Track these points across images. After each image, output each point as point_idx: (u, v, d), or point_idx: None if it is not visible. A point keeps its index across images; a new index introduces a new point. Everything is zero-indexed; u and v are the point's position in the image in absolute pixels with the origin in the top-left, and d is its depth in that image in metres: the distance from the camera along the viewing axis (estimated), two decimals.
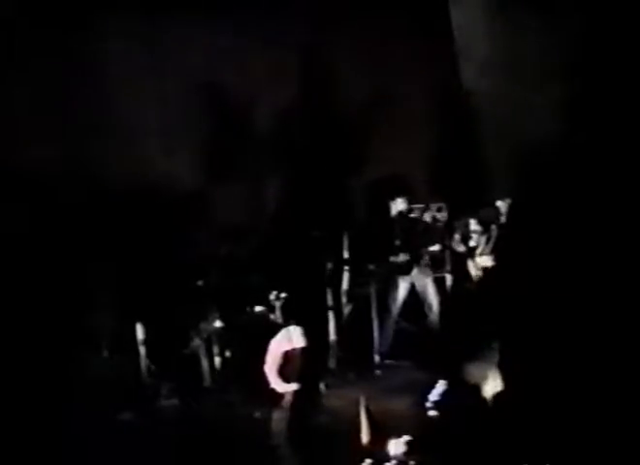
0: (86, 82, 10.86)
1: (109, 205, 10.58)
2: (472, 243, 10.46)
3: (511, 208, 10.32)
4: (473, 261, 10.36)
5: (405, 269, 10.51)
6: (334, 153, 11.59)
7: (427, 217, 10.84)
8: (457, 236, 10.63)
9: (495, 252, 10.17)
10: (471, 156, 11.75)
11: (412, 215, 10.78)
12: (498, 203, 10.39)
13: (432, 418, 7.53)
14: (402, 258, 10.48)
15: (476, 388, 7.53)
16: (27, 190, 10.45)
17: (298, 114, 11.53)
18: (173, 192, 11.00)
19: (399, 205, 10.71)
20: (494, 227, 10.31)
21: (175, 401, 9.62)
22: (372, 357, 10.42)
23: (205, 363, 9.90)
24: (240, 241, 10.67)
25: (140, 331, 9.81)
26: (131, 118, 10.97)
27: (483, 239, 10.35)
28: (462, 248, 10.58)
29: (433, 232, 10.79)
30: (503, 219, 10.36)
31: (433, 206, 10.95)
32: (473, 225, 10.52)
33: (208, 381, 9.90)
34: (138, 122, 11.02)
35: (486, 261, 10.22)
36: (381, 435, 7.15)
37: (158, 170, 11.00)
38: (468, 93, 11.86)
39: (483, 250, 10.30)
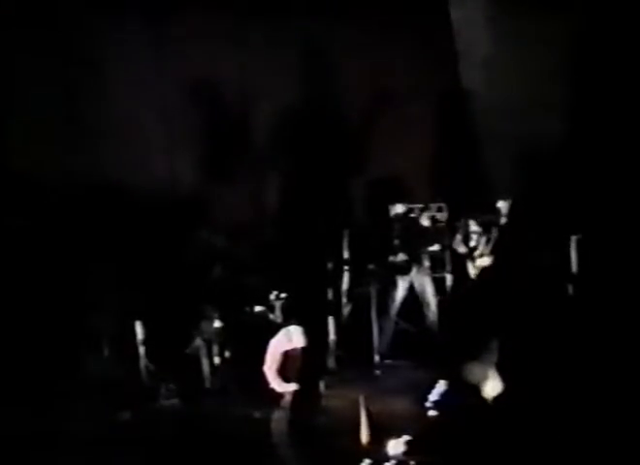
0: (87, 82, 10.87)
1: (109, 205, 10.59)
2: (472, 243, 10.45)
3: (511, 209, 10.31)
4: (473, 261, 10.35)
5: (404, 269, 10.50)
6: (334, 153, 11.60)
7: (427, 217, 10.82)
8: (458, 237, 10.61)
9: (494, 252, 10.16)
10: (471, 156, 11.75)
11: (412, 215, 10.77)
12: (499, 204, 10.37)
13: (431, 417, 7.53)
14: (401, 258, 10.47)
15: (476, 388, 7.52)
16: (28, 190, 10.46)
17: (299, 115, 11.53)
18: (173, 192, 11.01)
19: (398, 207, 10.72)
20: (494, 228, 10.30)
21: (174, 401, 9.62)
22: (372, 357, 10.42)
23: (205, 363, 9.90)
24: (240, 241, 10.67)
25: (140, 331, 9.81)
26: (131, 117, 10.98)
27: (483, 240, 10.34)
28: (462, 249, 10.56)
29: (433, 232, 10.78)
30: (504, 220, 10.34)
31: (433, 206, 10.94)
32: (473, 225, 10.51)
33: (207, 381, 9.90)
34: (138, 121, 11.03)
35: (485, 261, 10.21)
36: (381, 435, 7.15)
37: (159, 170, 11.02)
38: (468, 93, 11.85)
39: (483, 250, 10.29)
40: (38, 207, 10.42)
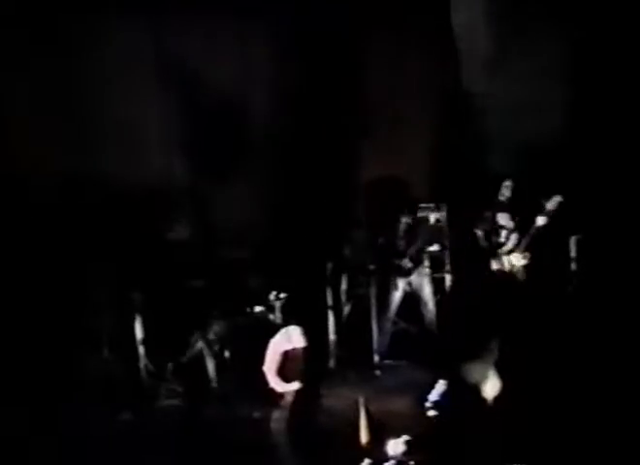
0: (86, 82, 10.87)
1: (109, 205, 10.59)
2: (501, 239, 10.23)
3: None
4: (498, 258, 10.14)
5: (407, 272, 10.48)
6: (334, 153, 11.60)
7: (426, 217, 10.80)
8: (479, 232, 10.38)
9: (529, 251, 9.95)
10: (472, 156, 11.75)
11: (412, 216, 10.75)
12: (547, 204, 10.04)
13: (431, 418, 7.53)
14: (406, 263, 10.44)
15: (476, 388, 7.52)
16: (27, 190, 10.46)
17: (299, 114, 11.52)
18: (173, 192, 11.01)
19: (399, 209, 10.70)
20: (532, 226, 9.97)
21: (174, 401, 9.62)
22: (372, 357, 10.41)
23: (204, 363, 9.89)
24: (240, 241, 10.67)
25: (139, 331, 9.80)
26: (130, 118, 10.97)
27: (514, 237, 10.11)
28: (484, 243, 10.35)
29: (433, 232, 10.77)
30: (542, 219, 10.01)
31: (433, 206, 10.93)
32: (504, 220, 10.25)
33: (207, 381, 9.89)
34: (136, 122, 11.02)
35: (516, 259, 10.01)
36: (380, 435, 7.15)
37: (158, 170, 11.01)
38: (469, 93, 11.85)
39: (514, 248, 10.08)
40: (36, 207, 10.41)
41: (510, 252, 10.12)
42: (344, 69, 11.65)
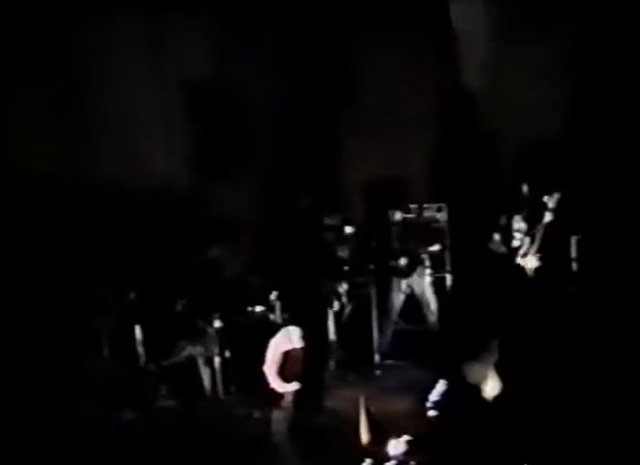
0: (85, 81, 10.88)
1: (109, 206, 10.59)
2: (516, 243, 10.10)
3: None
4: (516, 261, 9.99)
5: (405, 272, 10.48)
6: (335, 153, 11.61)
7: (426, 217, 10.81)
8: (496, 237, 10.29)
9: (541, 251, 9.86)
10: (471, 157, 11.75)
11: (412, 216, 10.76)
12: (545, 199, 9.99)
13: (431, 418, 7.52)
14: (403, 262, 10.45)
15: (476, 388, 7.52)
16: (26, 190, 10.46)
17: (299, 114, 11.53)
18: (172, 192, 11.01)
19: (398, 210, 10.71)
20: (540, 225, 9.89)
21: (174, 401, 9.62)
22: (372, 357, 10.41)
23: (204, 363, 9.89)
24: (240, 241, 10.67)
25: (139, 332, 9.80)
26: (130, 117, 10.98)
27: (527, 239, 10.03)
28: (502, 249, 10.26)
29: (433, 232, 10.77)
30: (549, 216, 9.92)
31: (433, 206, 10.93)
32: (518, 222, 10.17)
33: (207, 381, 9.89)
34: (135, 121, 11.03)
35: (529, 262, 9.90)
36: (381, 435, 7.14)
37: (157, 170, 11.01)
38: (469, 93, 11.85)
39: (527, 250, 10.01)
40: (36, 207, 10.41)
41: (525, 255, 10.05)
42: (344, 68, 11.65)
